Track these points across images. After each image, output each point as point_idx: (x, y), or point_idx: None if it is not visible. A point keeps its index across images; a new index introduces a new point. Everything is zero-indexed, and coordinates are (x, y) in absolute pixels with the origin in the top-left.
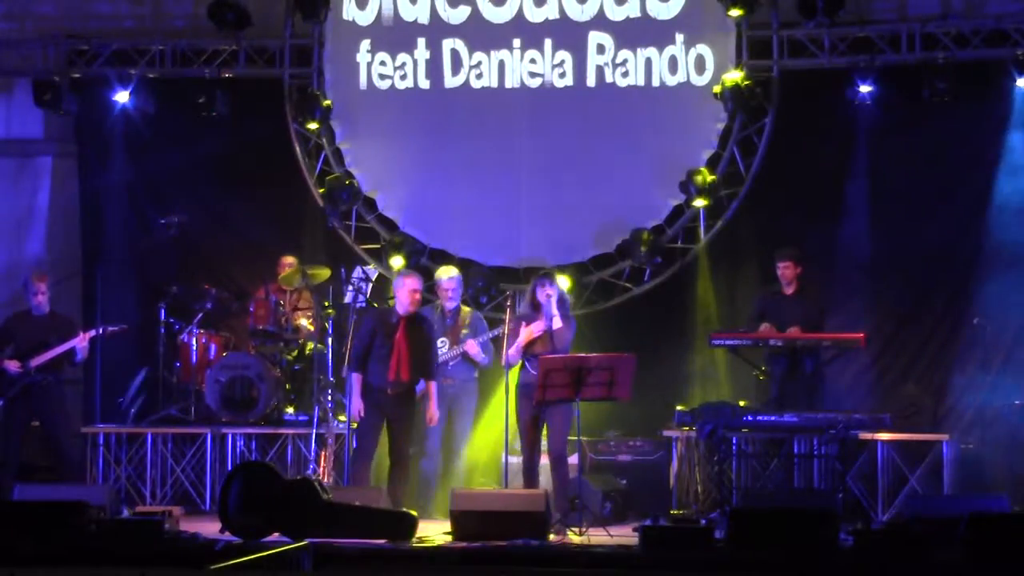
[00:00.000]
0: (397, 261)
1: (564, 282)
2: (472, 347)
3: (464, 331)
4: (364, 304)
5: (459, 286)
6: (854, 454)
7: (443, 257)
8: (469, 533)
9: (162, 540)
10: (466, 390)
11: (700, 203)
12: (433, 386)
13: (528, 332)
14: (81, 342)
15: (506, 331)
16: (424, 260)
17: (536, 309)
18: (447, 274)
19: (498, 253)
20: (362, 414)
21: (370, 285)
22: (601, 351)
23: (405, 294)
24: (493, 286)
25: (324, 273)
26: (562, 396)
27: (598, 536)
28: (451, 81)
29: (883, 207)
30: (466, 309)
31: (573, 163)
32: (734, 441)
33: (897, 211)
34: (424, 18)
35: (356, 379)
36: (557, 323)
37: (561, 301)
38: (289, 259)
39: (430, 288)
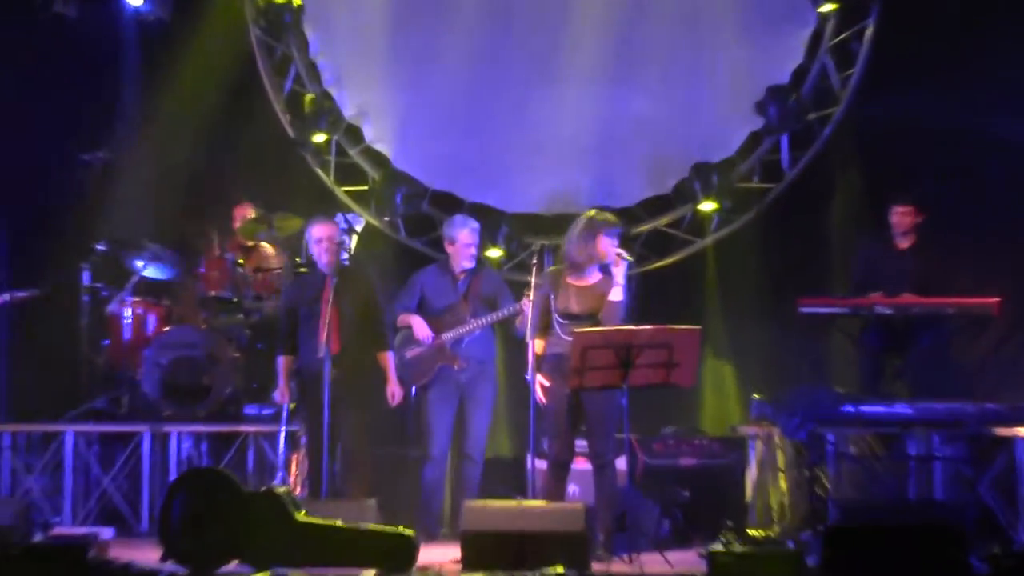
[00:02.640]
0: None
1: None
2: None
3: (483, 298)
4: (347, 263)
5: (478, 240)
6: (988, 455)
7: (448, 202)
8: (485, 560)
9: (86, 571)
10: (483, 375)
11: (782, 129)
12: (388, 357)
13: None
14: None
15: (531, 297)
16: (425, 206)
17: (584, 265)
18: (465, 225)
19: (520, 196)
20: (288, 400)
21: (354, 238)
22: (655, 323)
23: (316, 247)
24: (514, 239)
25: (294, 224)
26: (605, 382)
27: (653, 564)
28: None
29: None
30: (488, 263)
31: (620, 77)
32: (830, 439)
33: None
34: None
35: (281, 363)
36: (618, 295)
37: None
38: (248, 207)
39: (434, 252)
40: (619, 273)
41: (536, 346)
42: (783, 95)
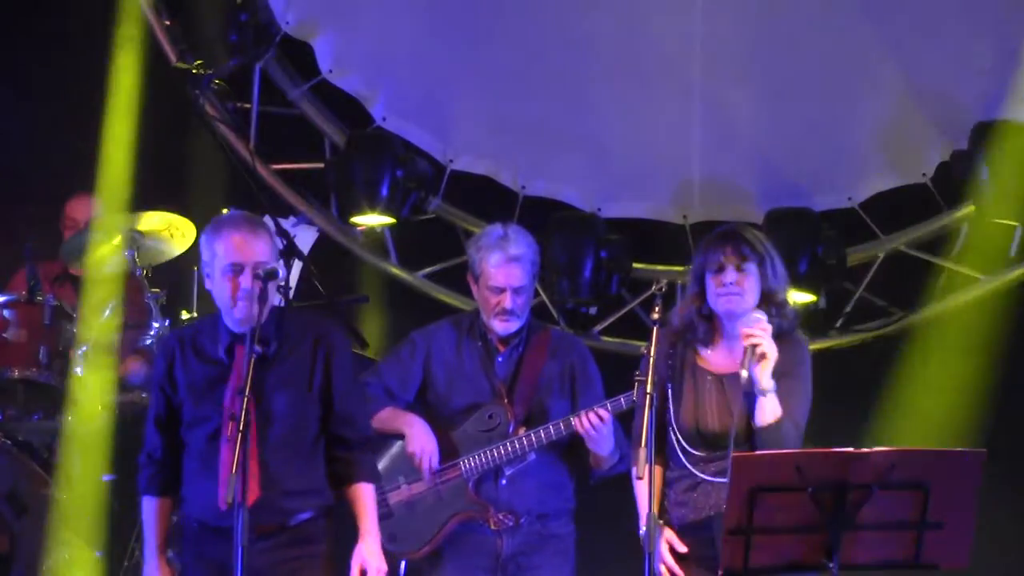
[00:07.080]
0: (373, 219)
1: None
2: (587, 424)
3: (545, 389)
4: (279, 311)
5: (531, 273)
6: None
7: (484, 195)
8: None
9: None
10: (546, 543)
11: None
12: (365, 496)
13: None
14: None
15: (648, 388)
16: (434, 202)
17: (709, 332)
18: (497, 248)
19: (626, 188)
20: None
21: (295, 266)
22: (897, 439)
23: (221, 279)
24: (616, 270)
25: (181, 233)
26: (792, 558)
27: None
28: None
29: None
30: (561, 320)
31: None
32: None
33: None
34: None
35: (150, 511)
36: (766, 381)
37: (781, 320)
38: (88, 201)
39: (454, 286)
40: (761, 333)
41: (658, 482)
42: None
